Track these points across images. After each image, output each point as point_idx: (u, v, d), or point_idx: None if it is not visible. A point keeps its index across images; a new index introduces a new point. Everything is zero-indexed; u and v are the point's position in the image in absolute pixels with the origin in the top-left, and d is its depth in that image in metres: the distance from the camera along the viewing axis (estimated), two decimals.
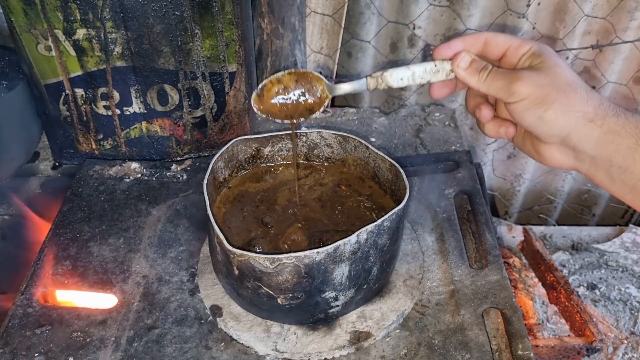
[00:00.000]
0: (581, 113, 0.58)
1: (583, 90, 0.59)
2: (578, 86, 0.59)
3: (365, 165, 0.87)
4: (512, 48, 0.63)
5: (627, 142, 0.56)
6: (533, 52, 0.62)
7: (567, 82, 0.59)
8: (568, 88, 0.58)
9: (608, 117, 0.57)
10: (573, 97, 0.58)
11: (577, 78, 0.60)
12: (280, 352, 0.74)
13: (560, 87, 0.58)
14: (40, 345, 0.75)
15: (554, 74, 0.59)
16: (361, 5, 1.37)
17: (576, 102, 0.58)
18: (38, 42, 0.93)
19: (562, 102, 0.58)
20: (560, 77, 0.59)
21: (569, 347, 1.08)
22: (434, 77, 0.66)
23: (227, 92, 1.05)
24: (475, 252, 0.91)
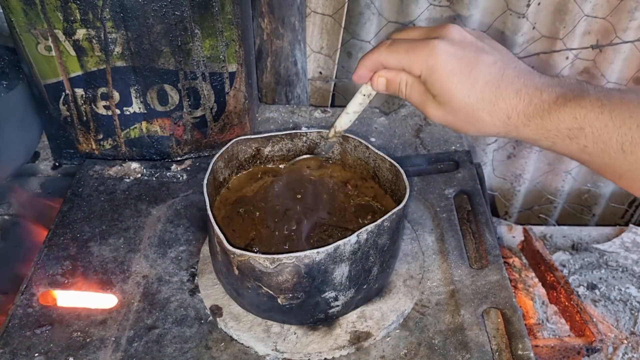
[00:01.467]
0: (494, 132, 0.58)
1: (486, 115, 0.57)
2: (480, 111, 0.57)
3: (365, 165, 0.86)
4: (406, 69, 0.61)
5: (545, 144, 0.56)
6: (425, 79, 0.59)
7: (467, 114, 0.58)
8: (471, 119, 0.58)
9: (520, 128, 0.57)
10: (480, 125, 0.58)
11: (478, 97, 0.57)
12: (280, 352, 0.74)
13: (464, 120, 0.59)
14: (40, 345, 0.75)
15: (453, 110, 0.58)
16: (361, 5, 1.37)
17: (485, 128, 0.58)
18: (38, 42, 0.93)
19: (472, 130, 0.59)
20: (460, 112, 0.58)
21: (569, 347, 1.08)
22: (368, 100, 0.72)
23: (227, 92, 1.05)
24: (475, 252, 0.91)
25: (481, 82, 0.57)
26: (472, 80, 0.57)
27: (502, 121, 0.57)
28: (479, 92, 0.57)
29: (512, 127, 0.57)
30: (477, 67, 0.57)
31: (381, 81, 0.65)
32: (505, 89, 0.56)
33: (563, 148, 0.55)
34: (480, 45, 0.59)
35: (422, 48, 0.58)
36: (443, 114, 0.60)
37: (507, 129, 0.57)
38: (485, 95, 0.56)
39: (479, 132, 0.60)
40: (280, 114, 1.27)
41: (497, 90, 0.56)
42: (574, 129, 0.53)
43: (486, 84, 0.56)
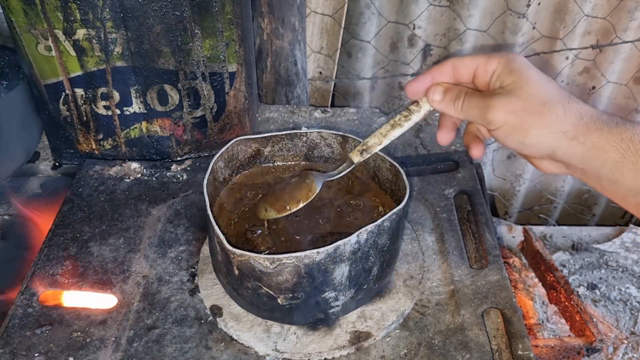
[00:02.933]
0: (560, 133, 0.56)
1: (560, 107, 0.56)
2: (554, 103, 0.56)
3: (365, 165, 0.86)
4: (480, 68, 0.61)
5: (612, 156, 0.54)
6: (501, 70, 0.59)
7: (541, 102, 0.56)
8: (543, 109, 0.56)
9: (590, 133, 0.55)
10: (549, 118, 0.56)
11: (553, 92, 0.57)
12: (280, 352, 0.74)
13: (535, 109, 0.56)
14: (40, 345, 0.75)
15: (526, 95, 0.57)
16: (361, 5, 1.37)
17: (553, 123, 0.56)
18: (38, 42, 0.93)
19: (539, 125, 0.56)
20: (533, 98, 0.57)
21: (569, 347, 1.08)
22: (412, 121, 0.68)
23: (227, 92, 1.05)
24: (475, 252, 0.91)
25: (555, 85, 0.58)
26: (547, 79, 0.58)
27: (576, 117, 0.55)
28: (555, 88, 0.57)
29: (582, 128, 0.55)
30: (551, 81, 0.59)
31: (438, 90, 0.64)
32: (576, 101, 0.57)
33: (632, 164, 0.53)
34: None
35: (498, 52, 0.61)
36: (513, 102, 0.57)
37: (576, 128, 0.55)
38: (560, 92, 0.57)
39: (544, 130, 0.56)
40: (280, 114, 1.27)
41: (570, 96, 0.57)
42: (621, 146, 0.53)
43: (559, 87, 0.58)
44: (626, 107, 1.52)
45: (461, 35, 1.40)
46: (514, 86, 0.58)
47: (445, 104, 0.64)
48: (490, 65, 0.60)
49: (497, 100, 0.58)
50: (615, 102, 1.53)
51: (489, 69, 0.60)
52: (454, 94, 0.63)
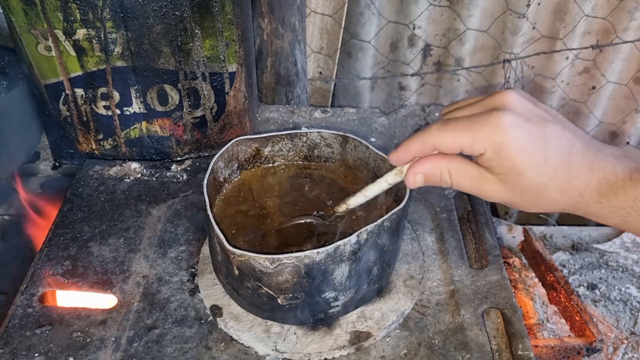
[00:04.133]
0: (560, 210, 0.54)
1: (556, 194, 0.52)
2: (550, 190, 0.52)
3: (365, 165, 0.86)
4: (466, 150, 0.54)
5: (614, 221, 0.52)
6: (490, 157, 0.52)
7: (537, 192, 0.52)
8: (539, 198, 0.53)
9: (590, 206, 0.52)
10: (546, 204, 0.53)
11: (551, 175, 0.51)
12: (280, 352, 0.74)
13: (531, 199, 0.53)
14: (40, 345, 0.75)
15: (520, 188, 0.52)
16: (361, 5, 1.37)
17: (551, 207, 0.53)
18: (38, 42, 0.93)
19: (536, 208, 0.54)
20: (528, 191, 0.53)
21: (569, 347, 1.08)
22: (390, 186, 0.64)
23: (227, 92, 1.05)
24: (475, 252, 0.91)
25: (553, 158, 0.51)
26: (544, 156, 0.51)
27: (574, 199, 0.52)
28: (552, 170, 0.51)
29: (582, 204, 0.52)
30: (547, 141, 0.51)
31: (419, 178, 0.57)
32: (577, 165, 0.51)
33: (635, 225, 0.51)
34: (542, 114, 0.53)
35: (485, 123, 0.51)
36: (506, 194, 0.54)
37: (575, 207, 0.53)
38: (558, 173, 0.51)
39: (542, 210, 0.55)
40: (280, 114, 1.27)
41: (568, 166, 0.51)
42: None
43: (558, 160, 0.51)
44: (626, 107, 1.52)
45: (461, 35, 1.40)
46: (507, 178, 0.53)
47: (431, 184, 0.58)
48: (477, 149, 0.52)
49: (491, 188, 0.54)
50: (615, 102, 1.53)
51: (476, 152, 0.53)
52: (437, 177, 0.56)
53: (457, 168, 0.55)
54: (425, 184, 0.58)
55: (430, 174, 0.56)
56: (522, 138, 0.50)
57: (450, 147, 0.54)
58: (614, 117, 1.55)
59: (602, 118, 1.56)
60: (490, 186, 0.54)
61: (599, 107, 1.53)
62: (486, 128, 0.51)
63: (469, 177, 0.55)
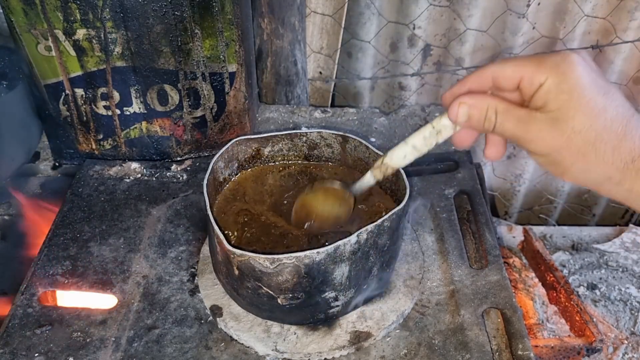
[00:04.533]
0: (605, 177, 0.49)
1: (609, 149, 0.48)
2: (603, 143, 0.48)
3: (366, 165, 0.86)
4: (525, 79, 0.51)
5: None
6: (549, 88, 0.49)
7: (587, 141, 0.48)
8: (588, 150, 0.48)
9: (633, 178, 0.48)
10: (594, 161, 0.48)
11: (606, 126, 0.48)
12: (280, 352, 0.74)
13: (579, 149, 0.49)
14: (40, 345, 0.75)
15: (572, 129, 0.48)
16: (361, 5, 1.37)
17: (598, 167, 0.49)
18: (38, 42, 0.93)
19: (581, 167, 0.49)
20: (579, 135, 0.48)
21: (569, 347, 1.08)
22: (439, 137, 0.58)
23: (227, 92, 1.05)
24: (475, 252, 0.91)
25: (612, 110, 0.48)
26: (604, 104, 0.48)
27: (624, 162, 0.48)
28: (609, 120, 0.48)
29: (632, 172, 0.48)
30: (610, 95, 0.49)
31: (462, 109, 0.54)
32: (635, 129, 0.48)
33: None
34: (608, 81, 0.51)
35: (555, 55, 0.49)
36: (554, 137, 0.49)
37: (623, 174, 0.49)
38: (614, 126, 0.48)
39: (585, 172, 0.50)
40: (280, 114, 1.27)
41: (627, 126, 0.48)
42: None
43: (617, 114, 0.48)
44: None
45: (461, 35, 1.40)
46: (560, 114, 0.49)
47: (473, 126, 0.55)
48: (538, 78, 0.50)
49: (538, 129, 0.50)
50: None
51: (536, 82, 0.50)
52: (482, 115, 0.53)
53: (505, 108, 0.52)
54: (467, 120, 0.54)
55: (476, 108, 0.53)
56: (586, 78, 0.48)
57: (509, 76, 0.52)
58: None
59: None
60: (537, 127, 0.50)
61: None
62: (553, 58, 0.50)
63: (516, 119, 0.51)
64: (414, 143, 0.61)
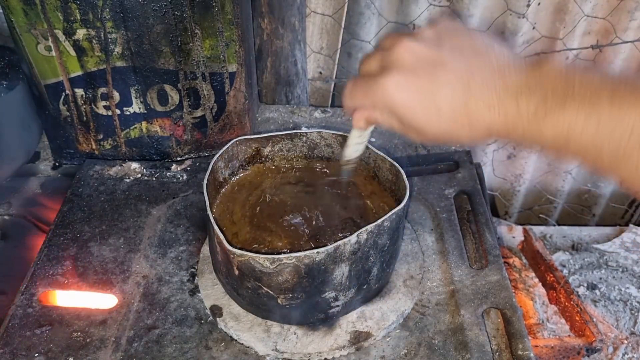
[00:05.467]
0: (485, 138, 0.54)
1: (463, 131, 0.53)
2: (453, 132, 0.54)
3: (366, 165, 0.86)
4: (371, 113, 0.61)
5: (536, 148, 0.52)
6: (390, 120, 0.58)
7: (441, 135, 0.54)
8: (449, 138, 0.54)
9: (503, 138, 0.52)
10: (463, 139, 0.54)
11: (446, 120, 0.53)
12: (280, 352, 0.74)
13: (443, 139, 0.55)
14: (40, 345, 0.75)
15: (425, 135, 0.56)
16: (361, 6, 1.37)
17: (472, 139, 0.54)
18: (38, 42, 0.93)
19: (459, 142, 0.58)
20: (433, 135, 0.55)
21: (569, 347, 1.08)
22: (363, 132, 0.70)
23: (227, 92, 1.05)
24: (475, 252, 0.91)
25: (446, 107, 0.52)
26: (437, 108, 0.52)
27: (485, 133, 0.52)
28: (449, 117, 0.52)
29: (495, 136, 0.53)
30: (438, 93, 0.52)
31: (358, 120, 0.62)
32: (475, 106, 0.51)
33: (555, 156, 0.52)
34: (435, 58, 0.53)
35: (375, 89, 0.55)
36: (426, 139, 0.57)
37: (491, 137, 0.53)
38: (456, 116, 0.52)
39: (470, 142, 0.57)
40: (280, 114, 1.27)
41: (466, 108, 0.51)
42: (559, 139, 0.47)
43: (453, 108, 0.51)
44: None
45: None
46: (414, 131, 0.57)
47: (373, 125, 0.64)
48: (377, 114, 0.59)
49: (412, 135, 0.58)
50: None
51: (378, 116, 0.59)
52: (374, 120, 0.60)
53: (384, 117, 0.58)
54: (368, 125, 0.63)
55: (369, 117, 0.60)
56: (409, 97, 0.53)
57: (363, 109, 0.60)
58: None
59: None
60: (411, 134, 0.57)
61: None
62: (377, 94, 0.55)
63: (397, 123, 0.57)
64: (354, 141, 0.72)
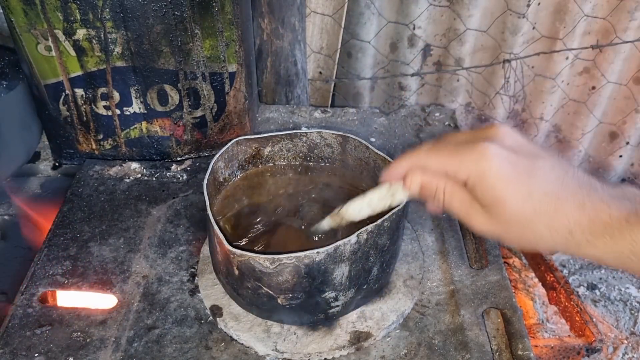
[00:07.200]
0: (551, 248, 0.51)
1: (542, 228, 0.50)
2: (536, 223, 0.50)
3: (366, 165, 0.86)
4: (450, 174, 0.54)
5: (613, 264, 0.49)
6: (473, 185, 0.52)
7: (523, 226, 0.51)
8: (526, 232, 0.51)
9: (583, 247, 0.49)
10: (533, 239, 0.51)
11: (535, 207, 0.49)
12: (280, 352, 0.74)
13: (517, 233, 0.51)
14: (40, 345, 0.75)
15: (504, 219, 0.51)
16: (361, 5, 1.37)
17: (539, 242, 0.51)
18: (38, 42, 0.93)
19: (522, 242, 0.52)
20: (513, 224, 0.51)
21: (569, 347, 1.08)
22: (393, 200, 0.62)
23: (227, 92, 1.05)
24: (475, 252, 0.91)
25: (539, 191, 0.49)
26: (529, 189, 0.50)
27: (563, 237, 0.49)
28: (537, 203, 0.49)
29: (574, 244, 0.49)
30: (535, 174, 0.50)
31: (415, 182, 0.56)
32: (566, 201, 0.49)
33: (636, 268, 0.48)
34: (534, 150, 0.52)
35: (471, 151, 0.52)
36: (493, 226, 0.52)
37: (566, 246, 0.50)
38: (543, 207, 0.49)
39: (533, 246, 0.52)
40: (280, 114, 1.27)
41: (557, 201, 0.49)
42: None
43: (545, 194, 0.49)
44: (626, 107, 1.52)
45: (461, 35, 1.40)
46: (491, 209, 0.51)
47: (425, 199, 0.57)
48: (460, 175, 0.53)
49: (477, 218, 0.53)
50: (615, 103, 1.53)
51: (459, 178, 0.53)
52: (432, 191, 0.56)
53: (452, 189, 0.54)
54: (419, 193, 0.57)
55: (426, 185, 0.56)
56: (506, 168, 0.50)
57: (435, 168, 0.55)
58: (613, 117, 1.55)
59: (602, 118, 1.56)
60: (477, 216, 0.53)
61: (599, 107, 1.53)
62: (471, 155, 0.51)
63: (460, 201, 0.54)
64: (371, 199, 0.64)
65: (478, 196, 0.52)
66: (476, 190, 0.52)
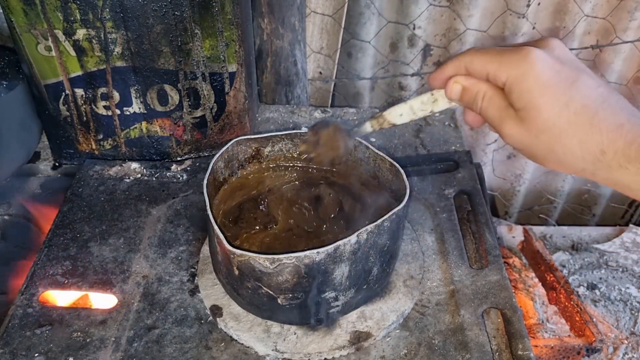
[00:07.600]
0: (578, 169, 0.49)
1: (575, 144, 0.48)
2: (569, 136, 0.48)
3: (366, 165, 0.86)
4: (490, 76, 0.53)
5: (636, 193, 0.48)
6: (510, 88, 0.51)
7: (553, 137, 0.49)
8: (556, 145, 0.49)
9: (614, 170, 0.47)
10: (563, 155, 0.49)
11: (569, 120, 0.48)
12: (280, 352, 0.74)
13: (547, 146, 0.50)
14: (40, 345, 0.75)
15: (536, 128, 0.50)
16: (361, 5, 1.37)
17: (568, 161, 0.49)
18: (38, 42, 0.93)
19: (553, 159, 0.51)
20: (544, 133, 0.49)
21: (569, 347, 1.08)
22: (435, 106, 0.63)
23: (227, 92, 1.05)
24: (475, 252, 0.91)
25: (577, 102, 0.48)
26: (567, 98, 0.48)
27: (594, 155, 0.47)
28: (572, 114, 0.47)
29: (604, 165, 0.48)
30: (576, 85, 0.48)
31: (456, 87, 0.57)
32: (604, 119, 0.47)
33: None
34: (581, 66, 0.51)
35: (516, 53, 0.51)
36: (523, 135, 0.51)
37: (595, 167, 0.48)
38: (579, 119, 0.47)
39: (560, 164, 0.51)
40: (280, 114, 1.27)
41: (594, 117, 0.47)
42: None
43: (583, 106, 0.47)
44: None
45: (461, 35, 1.40)
46: (525, 114, 0.50)
47: (464, 104, 0.57)
48: (500, 76, 0.52)
49: (510, 126, 0.52)
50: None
51: (499, 80, 0.52)
52: (472, 96, 0.56)
53: (491, 95, 0.54)
54: (459, 98, 0.57)
55: (468, 89, 0.56)
56: (548, 74, 0.49)
57: (478, 70, 0.54)
58: None
59: None
60: (510, 123, 0.52)
61: None
62: (514, 57, 0.51)
63: (497, 107, 0.53)
64: (412, 104, 0.64)
65: (513, 99, 0.51)
66: (513, 93, 0.51)
